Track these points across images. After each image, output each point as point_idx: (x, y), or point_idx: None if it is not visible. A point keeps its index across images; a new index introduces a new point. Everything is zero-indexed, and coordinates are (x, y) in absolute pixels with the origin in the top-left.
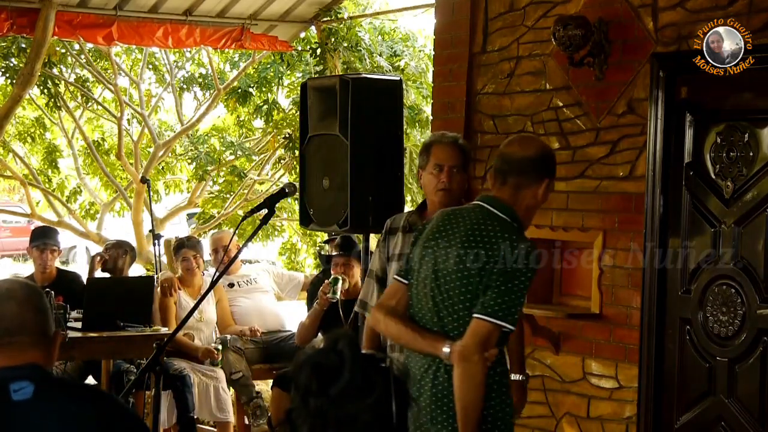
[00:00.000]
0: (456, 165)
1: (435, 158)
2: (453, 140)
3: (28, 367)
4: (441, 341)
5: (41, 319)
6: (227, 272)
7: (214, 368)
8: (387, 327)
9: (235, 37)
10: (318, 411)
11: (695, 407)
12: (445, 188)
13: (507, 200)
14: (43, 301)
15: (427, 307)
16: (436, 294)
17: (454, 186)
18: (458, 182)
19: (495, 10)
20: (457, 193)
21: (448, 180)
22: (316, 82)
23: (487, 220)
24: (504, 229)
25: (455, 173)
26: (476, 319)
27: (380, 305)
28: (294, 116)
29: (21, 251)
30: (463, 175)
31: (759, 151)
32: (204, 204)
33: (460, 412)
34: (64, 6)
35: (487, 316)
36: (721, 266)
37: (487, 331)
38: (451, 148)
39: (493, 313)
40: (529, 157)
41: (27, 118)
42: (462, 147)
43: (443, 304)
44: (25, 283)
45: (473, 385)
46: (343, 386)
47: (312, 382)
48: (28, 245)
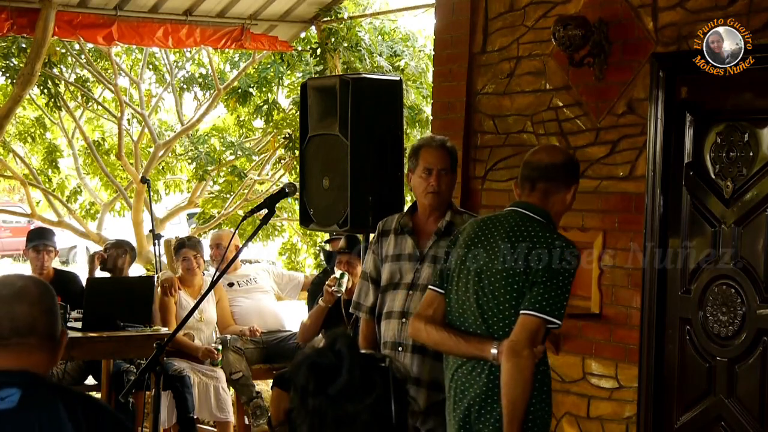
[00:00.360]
0: (444, 168)
1: (424, 162)
2: (441, 143)
3: (20, 374)
4: (487, 343)
5: (51, 321)
6: (227, 272)
7: (214, 368)
8: (429, 335)
9: (235, 37)
10: (316, 411)
11: (695, 407)
12: (435, 191)
13: (539, 205)
14: (54, 302)
15: (470, 311)
16: (481, 296)
17: (443, 188)
18: (446, 184)
19: (495, 10)
20: (446, 195)
21: (436, 183)
22: (316, 82)
23: (525, 222)
24: (543, 229)
25: (443, 175)
26: (525, 315)
27: (419, 315)
28: (294, 116)
29: (21, 251)
30: (451, 176)
31: (759, 151)
32: (204, 204)
33: (507, 407)
34: (64, 6)
35: (536, 311)
36: (721, 266)
37: (536, 326)
38: (440, 152)
39: (542, 308)
40: (557, 164)
41: (27, 118)
42: (450, 149)
43: (488, 305)
44: (38, 282)
45: (522, 380)
46: (341, 386)
47: (309, 382)
48: (25, 246)
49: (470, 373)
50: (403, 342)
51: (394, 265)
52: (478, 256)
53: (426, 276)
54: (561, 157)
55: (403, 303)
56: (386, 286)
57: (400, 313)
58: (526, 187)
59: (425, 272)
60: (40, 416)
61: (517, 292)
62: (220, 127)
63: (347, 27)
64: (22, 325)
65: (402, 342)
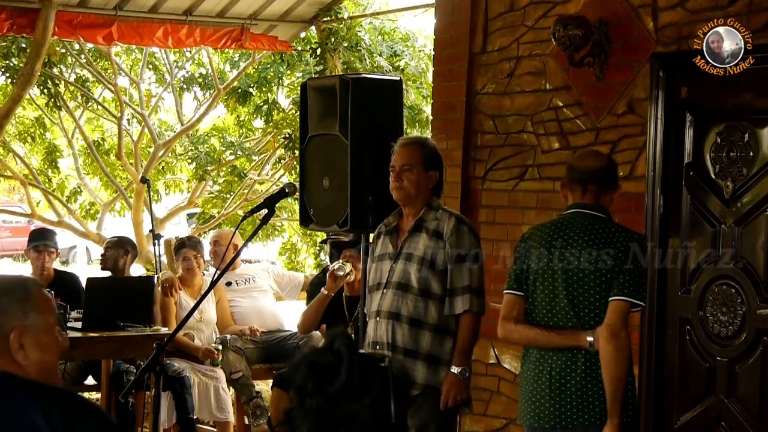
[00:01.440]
0: (407, 164)
1: (393, 161)
2: (408, 141)
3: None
4: (581, 333)
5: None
6: (226, 271)
7: (214, 368)
8: (521, 334)
9: (235, 37)
10: (315, 411)
11: (695, 407)
12: (396, 187)
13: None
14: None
15: (560, 306)
16: (571, 292)
17: (405, 184)
18: (410, 180)
19: (495, 10)
20: (410, 191)
21: (395, 179)
22: (316, 82)
23: (593, 221)
24: (613, 226)
25: (406, 172)
26: (616, 301)
27: (506, 318)
28: (294, 116)
29: (21, 251)
30: (418, 173)
31: (759, 151)
32: (204, 204)
33: (612, 385)
34: (64, 6)
35: (624, 296)
36: (721, 266)
37: (627, 309)
38: (405, 149)
39: (629, 293)
40: (604, 168)
41: (27, 118)
42: (419, 146)
43: (579, 299)
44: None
45: (624, 358)
46: (340, 386)
47: (308, 382)
48: (26, 247)
49: (566, 363)
50: (379, 341)
51: (377, 265)
52: (563, 258)
53: (398, 273)
54: (605, 160)
55: (378, 302)
56: (371, 287)
57: (376, 312)
58: (578, 190)
59: (398, 270)
60: (13, 417)
61: (606, 284)
62: (220, 127)
63: (347, 27)
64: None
65: (378, 341)
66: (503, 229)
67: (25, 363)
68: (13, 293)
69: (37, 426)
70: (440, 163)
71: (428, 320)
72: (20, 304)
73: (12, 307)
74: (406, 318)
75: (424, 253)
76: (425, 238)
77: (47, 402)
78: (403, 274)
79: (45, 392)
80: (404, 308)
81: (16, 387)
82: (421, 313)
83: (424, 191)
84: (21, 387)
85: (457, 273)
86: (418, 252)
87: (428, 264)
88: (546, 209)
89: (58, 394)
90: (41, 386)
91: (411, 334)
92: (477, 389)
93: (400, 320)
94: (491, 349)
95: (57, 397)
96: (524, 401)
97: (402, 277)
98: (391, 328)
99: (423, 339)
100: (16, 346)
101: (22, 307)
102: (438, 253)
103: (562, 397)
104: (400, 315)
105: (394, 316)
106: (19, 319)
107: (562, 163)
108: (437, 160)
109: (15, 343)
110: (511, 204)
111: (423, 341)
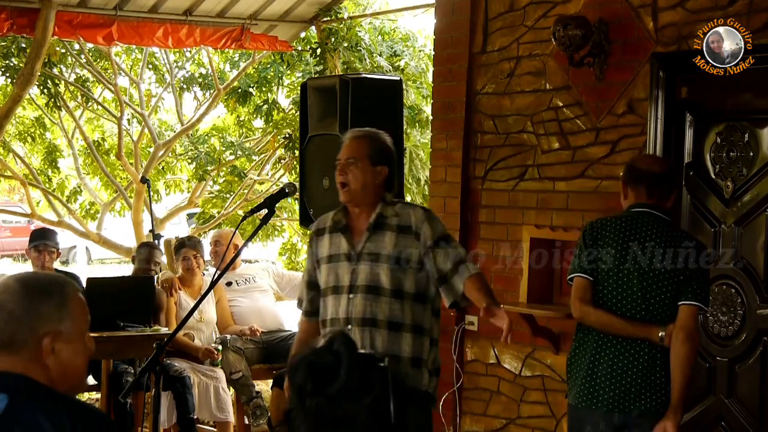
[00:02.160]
0: (351, 157)
1: (338, 155)
2: (356, 135)
3: (4, 377)
4: (653, 327)
5: (11, 327)
6: (226, 271)
7: (214, 368)
8: (598, 317)
9: (235, 37)
10: (315, 411)
11: (695, 407)
12: (340, 182)
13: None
14: (28, 307)
15: (631, 298)
16: (645, 287)
17: (350, 179)
18: (355, 175)
19: (495, 10)
20: (356, 186)
21: (340, 174)
22: (316, 82)
23: (667, 225)
24: (684, 233)
25: (349, 165)
26: (689, 306)
27: (582, 300)
28: (294, 116)
29: (21, 251)
30: (364, 167)
31: (759, 151)
32: (204, 204)
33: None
34: (64, 6)
35: (698, 301)
36: (721, 266)
37: (698, 313)
38: (352, 143)
39: (702, 299)
40: (667, 172)
41: (27, 118)
42: (366, 138)
43: (652, 295)
44: (12, 285)
45: (695, 358)
46: (339, 386)
47: (307, 383)
48: (27, 246)
49: (629, 351)
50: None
51: (331, 266)
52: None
53: (365, 276)
54: (667, 165)
55: (347, 309)
56: (325, 290)
57: (345, 320)
58: (642, 191)
59: (363, 272)
60: (28, 422)
61: (678, 285)
62: (220, 127)
63: (347, 27)
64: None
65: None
66: (503, 229)
67: (53, 367)
68: (51, 296)
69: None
70: (391, 158)
71: (406, 321)
72: (57, 309)
73: (49, 311)
74: (383, 323)
75: (393, 251)
76: (391, 235)
77: (58, 410)
78: (371, 277)
79: (57, 400)
80: (380, 313)
81: (30, 393)
82: (398, 315)
83: (371, 187)
84: (35, 393)
85: (443, 256)
86: (386, 251)
87: (399, 262)
88: (546, 209)
89: (69, 403)
90: (54, 394)
91: (391, 338)
92: (477, 389)
93: (378, 326)
94: (491, 349)
95: (68, 406)
96: (579, 383)
97: (370, 279)
98: (369, 336)
99: (404, 342)
100: (48, 351)
101: (58, 311)
102: (409, 248)
103: (623, 383)
104: (377, 320)
105: (370, 323)
106: (54, 323)
107: (562, 163)
108: (387, 155)
109: (48, 347)
110: (511, 204)
111: (404, 344)
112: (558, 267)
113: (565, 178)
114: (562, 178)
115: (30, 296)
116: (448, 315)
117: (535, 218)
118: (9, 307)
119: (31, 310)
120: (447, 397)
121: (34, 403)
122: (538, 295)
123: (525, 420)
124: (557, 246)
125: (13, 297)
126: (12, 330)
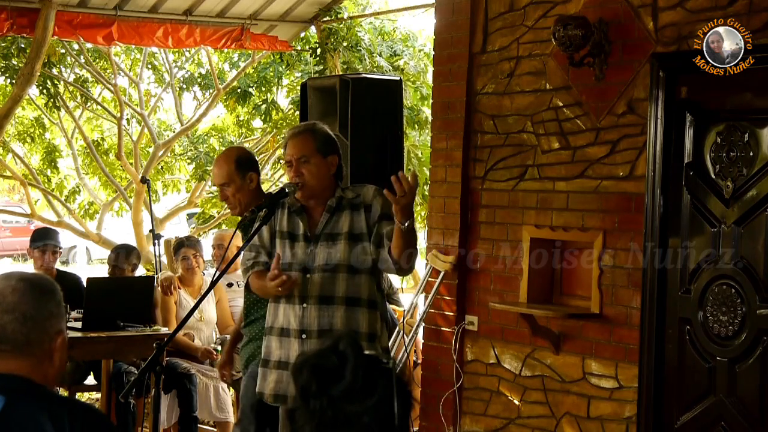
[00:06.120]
0: (304, 155)
1: (286, 154)
2: (300, 131)
3: (5, 378)
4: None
5: (27, 328)
6: (226, 272)
7: (214, 368)
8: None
9: (235, 37)
10: (319, 412)
11: (695, 407)
12: (296, 183)
13: None
14: (39, 307)
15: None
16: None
17: (307, 177)
18: (311, 172)
19: (495, 10)
20: (313, 183)
21: (295, 174)
22: (316, 82)
23: None
24: None
25: (304, 163)
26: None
27: None
28: (293, 116)
29: (21, 251)
30: (317, 162)
31: (759, 151)
32: (204, 204)
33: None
34: (64, 6)
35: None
36: (721, 266)
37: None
38: (296, 140)
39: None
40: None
41: (27, 118)
42: (312, 133)
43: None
44: (19, 286)
45: None
46: (344, 387)
47: (311, 383)
48: (29, 246)
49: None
50: (307, 329)
51: (287, 243)
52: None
53: (322, 256)
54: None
55: (303, 287)
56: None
57: (302, 298)
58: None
59: (321, 253)
60: (25, 423)
61: None
62: (220, 127)
63: (347, 27)
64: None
65: (305, 329)
66: (503, 229)
67: (56, 364)
68: (53, 294)
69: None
70: (336, 146)
71: (362, 296)
72: (58, 307)
73: (57, 310)
74: (340, 299)
75: (349, 227)
76: (347, 213)
77: (57, 411)
78: (327, 256)
79: (56, 400)
80: (338, 289)
81: (29, 394)
82: (354, 291)
83: (327, 180)
84: (36, 395)
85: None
86: (343, 229)
87: (354, 237)
88: (546, 209)
89: (69, 404)
90: (53, 394)
91: (348, 314)
92: (477, 389)
93: (335, 302)
94: (491, 349)
95: (67, 406)
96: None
97: (327, 259)
98: (327, 314)
99: (361, 317)
100: (58, 348)
101: (59, 309)
102: (361, 223)
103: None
104: (334, 297)
105: (327, 300)
106: (60, 321)
107: (562, 163)
108: (332, 143)
109: (59, 345)
110: (511, 204)
111: (361, 320)
112: (558, 267)
113: (565, 178)
114: (562, 178)
115: (38, 296)
116: (448, 315)
117: (535, 218)
118: (23, 308)
119: (42, 310)
120: (447, 397)
121: (33, 403)
122: (538, 295)
123: (525, 420)
124: (557, 246)
125: (24, 298)
126: (28, 331)
